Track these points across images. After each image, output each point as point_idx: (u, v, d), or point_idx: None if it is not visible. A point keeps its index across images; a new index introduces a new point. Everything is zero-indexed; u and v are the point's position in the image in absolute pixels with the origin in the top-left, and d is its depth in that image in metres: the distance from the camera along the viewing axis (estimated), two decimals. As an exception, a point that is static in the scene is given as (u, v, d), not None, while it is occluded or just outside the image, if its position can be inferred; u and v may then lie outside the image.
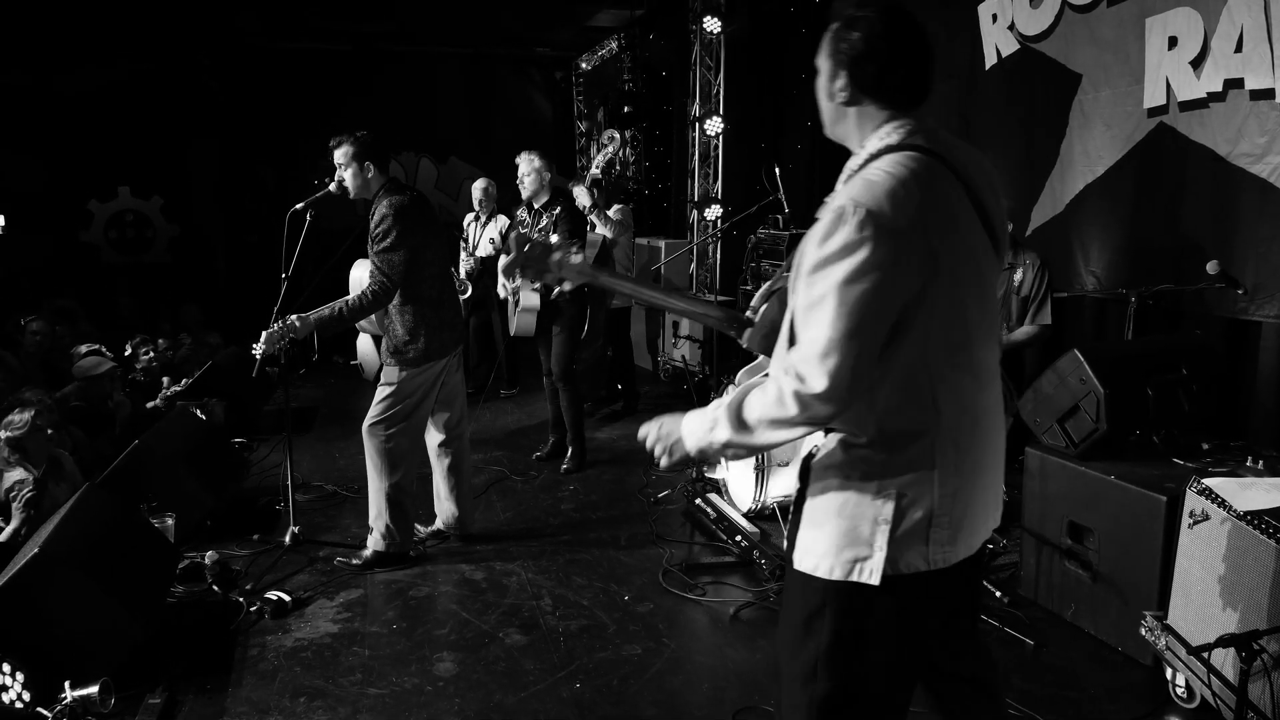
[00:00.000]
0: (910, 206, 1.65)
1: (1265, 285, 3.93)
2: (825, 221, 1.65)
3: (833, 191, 1.76)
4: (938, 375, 1.75)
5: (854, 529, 1.77)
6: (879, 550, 1.76)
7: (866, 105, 1.78)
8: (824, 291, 1.63)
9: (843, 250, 1.61)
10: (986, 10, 5.50)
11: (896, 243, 1.62)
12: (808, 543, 1.85)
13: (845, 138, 1.86)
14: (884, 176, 1.67)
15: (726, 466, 5.10)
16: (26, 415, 4.12)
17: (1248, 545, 2.71)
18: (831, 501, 1.81)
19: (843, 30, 1.77)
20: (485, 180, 7.42)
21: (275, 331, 3.94)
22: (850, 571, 1.77)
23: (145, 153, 10.26)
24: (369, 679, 3.35)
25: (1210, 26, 4.03)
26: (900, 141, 1.75)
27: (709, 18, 8.08)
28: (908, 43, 1.76)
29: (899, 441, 1.76)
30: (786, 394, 1.66)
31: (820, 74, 1.84)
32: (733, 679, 3.35)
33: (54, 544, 3.18)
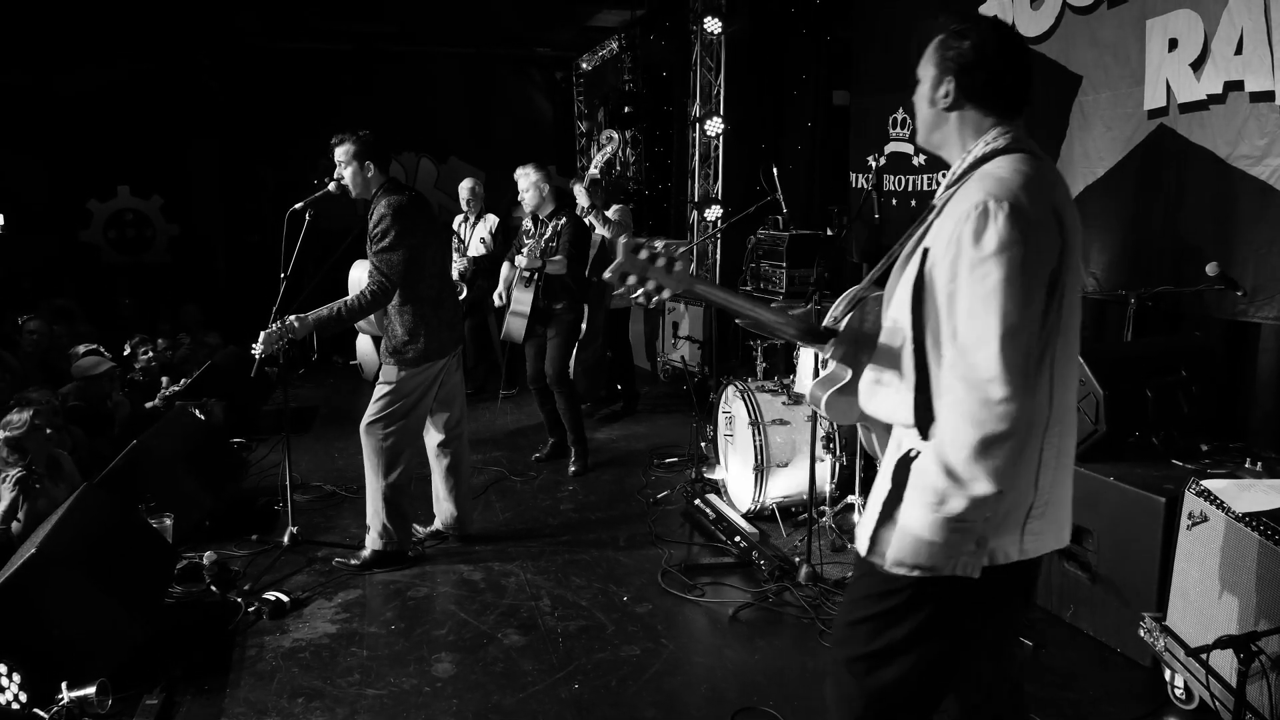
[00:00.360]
0: (1045, 201, 1.70)
1: (1265, 287, 3.93)
2: (971, 221, 1.66)
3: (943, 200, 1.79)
4: (1058, 367, 1.77)
5: (956, 524, 1.74)
6: (983, 545, 1.75)
7: (969, 111, 1.83)
8: (988, 291, 1.64)
9: (999, 248, 1.64)
10: (987, 12, 5.50)
11: (1041, 236, 1.67)
12: (900, 540, 1.81)
13: (942, 144, 1.90)
14: (1012, 174, 1.71)
15: (726, 467, 5.11)
16: (25, 415, 4.11)
17: (1246, 547, 2.71)
18: (933, 495, 1.76)
19: (952, 39, 1.83)
20: (471, 180, 7.43)
21: (274, 332, 3.94)
22: (946, 565, 1.76)
23: (145, 152, 10.26)
24: (367, 680, 3.35)
25: (1211, 29, 4.03)
26: (1008, 145, 1.79)
27: (710, 18, 8.08)
28: (1015, 55, 1.83)
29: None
30: (967, 408, 1.66)
31: (923, 81, 1.88)
32: (731, 680, 3.35)
33: (52, 544, 3.17)
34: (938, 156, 1.94)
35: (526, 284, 5.46)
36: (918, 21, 6.20)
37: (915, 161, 6.33)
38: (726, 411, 5.05)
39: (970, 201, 1.68)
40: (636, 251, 1.85)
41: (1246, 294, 3.94)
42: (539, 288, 5.45)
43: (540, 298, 5.47)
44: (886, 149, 6.42)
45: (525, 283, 5.46)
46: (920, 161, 6.28)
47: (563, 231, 5.44)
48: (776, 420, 4.69)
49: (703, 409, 5.72)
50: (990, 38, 1.81)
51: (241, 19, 9.40)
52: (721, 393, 5.15)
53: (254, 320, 4.11)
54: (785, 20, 8.06)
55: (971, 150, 1.82)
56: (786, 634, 3.68)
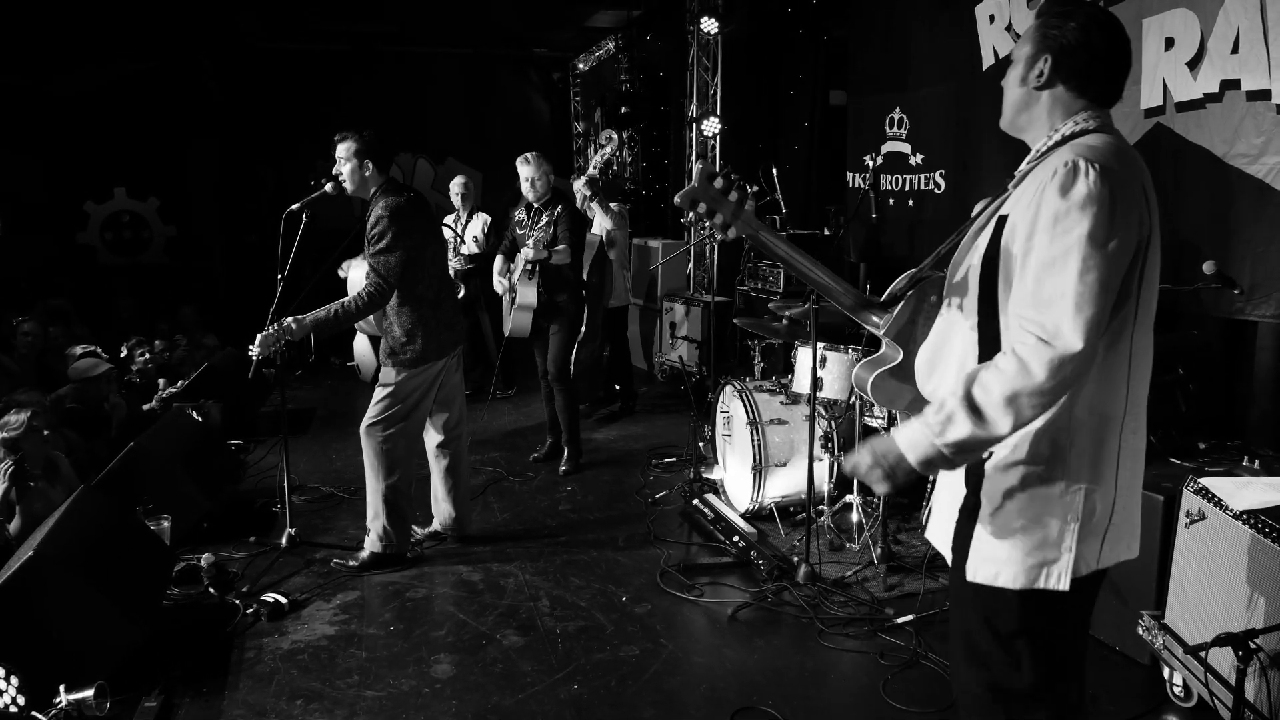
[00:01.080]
0: (1135, 178, 1.66)
1: (1262, 285, 3.93)
2: (1058, 177, 1.61)
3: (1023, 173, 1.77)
4: (1136, 358, 1.72)
5: (1042, 531, 1.71)
6: (1067, 551, 1.70)
7: (1060, 91, 1.77)
8: (1070, 245, 1.57)
9: (1086, 201, 1.58)
10: (984, 11, 5.51)
11: (1130, 201, 1.62)
12: (986, 551, 1.76)
13: (1028, 125, 1.84)
14: (1102, 143, 1.67)
15: (724, 467, 5.10)
16: (22, 417, 4.11)
17: (1244, 545, 2.71)
18: (1014, 503, 1.73)
19: (1057, 20, 1.77)
20: (463, 178, 7.44)
21: (271, 334, 3.93)
22: (1037, 578, 1.71)
23: (142, 154, 10.23)
24: (366, 681, 3.35)
25: (1207, 28, 4.04)
26: (1097, 128, 1.75)
27: (706, 18, 8.08)
28: (1118, 43, 1.77)
29: (1094, 427, 1.70)
30: (1032, 359, 1.55)
31: (1017, 63, 1.83)
32: (731, 679, 3.35)
33: (49, 546, 3.17)
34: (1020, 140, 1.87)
35: (530, 276, 5.43)
36: (914, 22, 6.22)
37: (912, 161, 6.33)
38: (724, 411, 5.05)
39: (1058, 161, 1.64)
40: (712, 179, 1.78)
41: (1244, 292, 3.94)
42: (540, 280, 5.43)
43: (542, 290, 5.45)
44: (884, 148, 6.42)
45: (529, 275, 5.43)
46: (918, 161, 6.29)
47: (559, 220, 5.40)
48: (774, 420, 4.69)
49: (701, 409, 5.72)
50: (1096, 21, 1.76)
51: (240, 19, 9.39)
52: (719, 392, 5.15)
53: (251, 322, 4.11)
54: (782, 20, 8.07)
55: (1059, 129, 1.77)
56: (785, 633, 3.68)
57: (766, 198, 6.95)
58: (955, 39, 5.76)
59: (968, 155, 5.81)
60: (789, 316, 4.48)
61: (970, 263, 1.78)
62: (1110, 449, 1.71)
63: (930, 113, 6.16)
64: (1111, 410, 1.70)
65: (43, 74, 9.50)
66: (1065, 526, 1.70)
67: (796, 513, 4.76)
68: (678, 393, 7.53)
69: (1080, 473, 1.69)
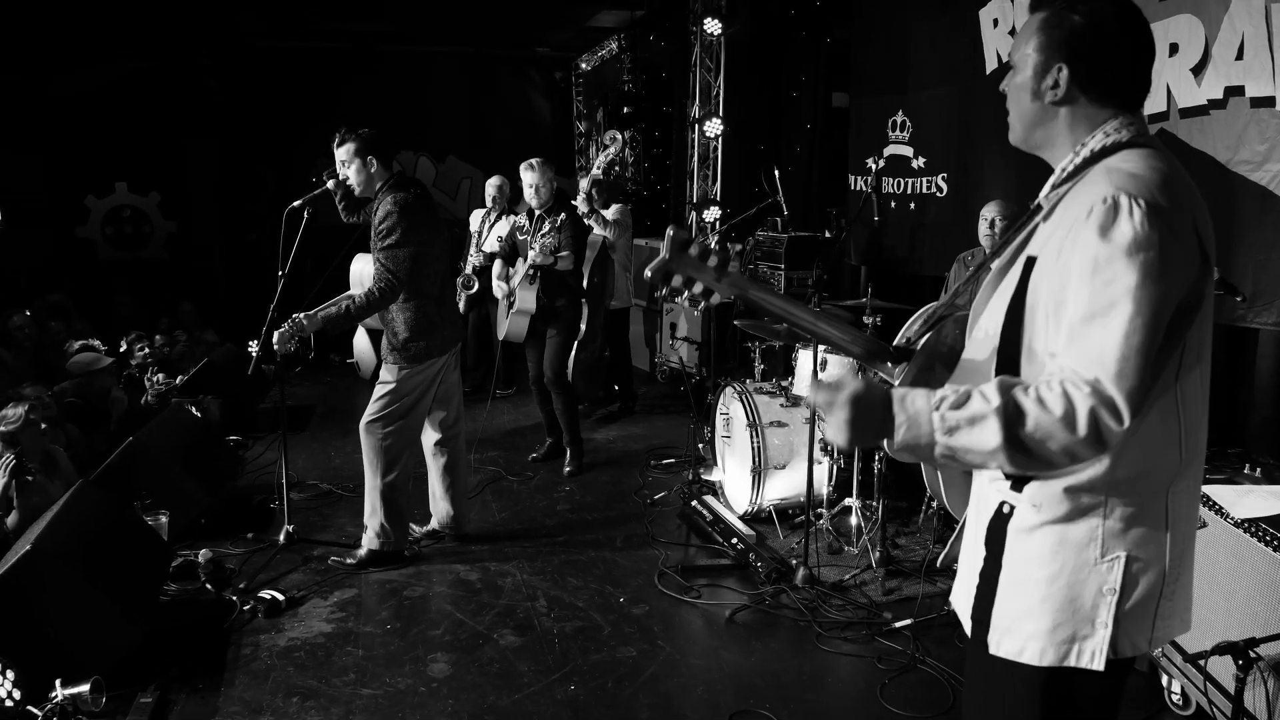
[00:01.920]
0: (1186, 210, 1.42)
1: (1264, 293, 3.93)
2: (1096, 216, 1.38)
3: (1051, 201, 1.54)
4: (1189, 409, 1.49)
5: (1072, 602, 1.49)
6: (1103, 628, 1.48)
7: (1083, 103, 1.53)
8: (1115, 297, 1.35)
9: (1133, 247, 1.35)
10: (988, 15, 5.50)
11: (1181, 242, 1.39)
12: (1007, 621, 1.56)
13: (1045, 143, 1.60)
14: (1147, 170, 1.42)
15: (723, 469, 5.10)
16: (19, 410, 4.10)
17: (1245, 553, 2.71)
18: (1041, 570, 1.51)
19: (1060, 17, 1.52)
20: (500, 178, 7.41)
21: (286, 330, 3.94)
22: (1067, 655, 1.50)
23: (143, 149, 10.24)
24: (362, 679, 3.34)
25: (1211, 34, 4.03)
26: (1132, 139, 1.51)
27: (709, 19, 8.08)
28: (1139, 33, 1.53)
29: (1139, 488, 1.48)
30: (1082, 416, 1.33)
31: (1020, 68, 1.58)
32: (728, 682, 3.34)
33: (47, 540, 3.16)
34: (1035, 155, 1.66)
35: (530, 281, 5.43)
36: (916, 24, 6.22)
37: (915, 164, 6.33)
38: (724, 413, 5.04)
39: (1094, 195, 1.40)
40: (685, 248, 1.58)
41: (1246, 299, 3.94)
42: (540, 285, 5.43)
43: (542, 295, 5.45)
44: (886, 151, 6.42)
45: (529, 280, 5.43)
46: (920, 164, 6.29)
47: (563, 227, 5.41)
48: (774, 422, 4.68)
49: (700, 410, 5.71)
50: (1109, 10, 1.50)
51: (241, 18, 9.39)
52: (719, 394, 5.14)
53: (251, 318, 4.11)
54: (785, 22, 8.07)
55: (1086, 144, 1.53)
56: (783, 636, 3.68)
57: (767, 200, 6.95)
58: (958, 42, 5.75)
59: (970, 159, 5.81)
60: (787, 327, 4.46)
61: (997, 300, 1.58)
62: (1155, 512, 1.49)
63: (933, 116, 6.16)
64: (1158, 468, 1.49)
65: (43, 72, 9.49)
66: (1100, 599, 1.48)
67: (795, 515, 4.75)
68: (677, 394, 7.52)
69: (1118, 540, 1.48)
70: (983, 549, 1.62)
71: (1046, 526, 1.51)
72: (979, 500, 1.66)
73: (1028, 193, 5.33)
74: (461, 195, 11.33)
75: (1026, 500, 1.53)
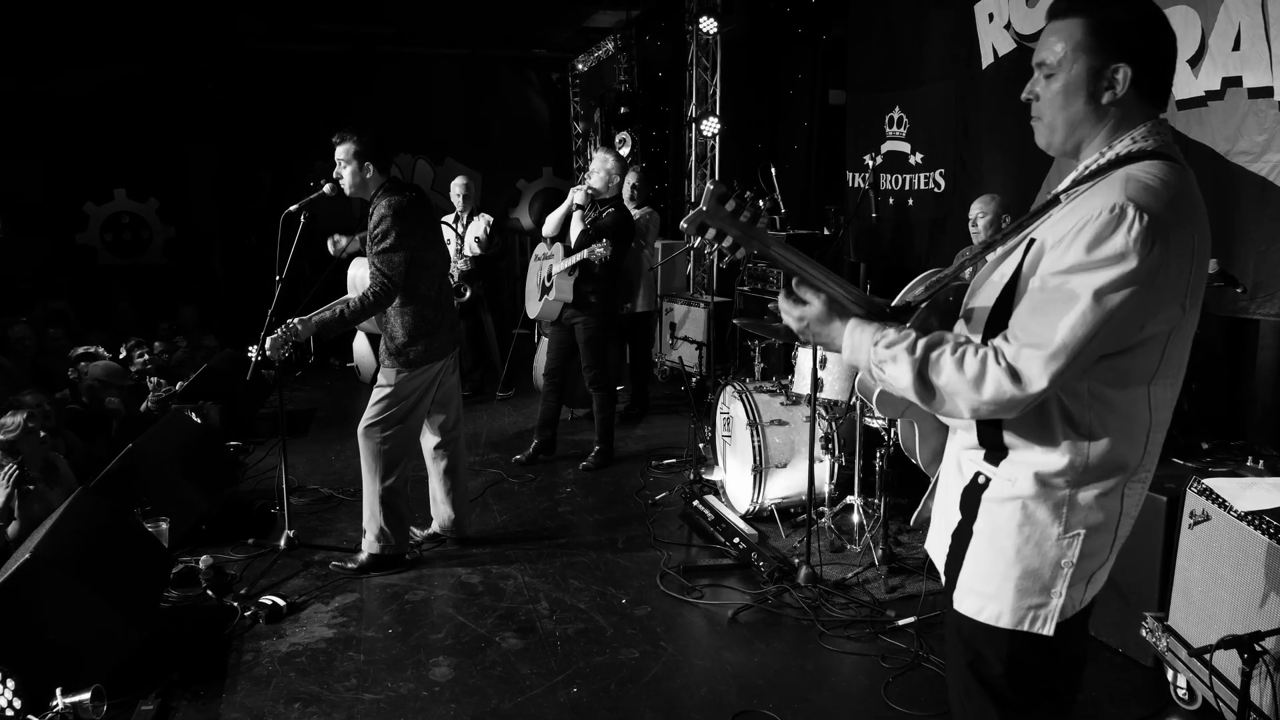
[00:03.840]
0: (1190, 226, 1.51)
1: (1265, 284, 3.92)
2: (1100, 218, 1.46)
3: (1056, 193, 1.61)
4: (1158, 408, 1.62)
5: (1035, 572, 1.64)
6: (1057, 596, 1.64)
7: (1131, 105, 1.58)
8: (1076, 292, 1.46)
9: (1115, 257, 1.45)
10: (983, 10, 5.49)
11: (1171, 260, 1.47)
12: (974, 583, 1.71)
13: (1082, 144, 1.64)
14: (1162, 185, 1.49)
15: (724, 468, 5.09)
16: (19, 418, 4.09)
17: (1249, 546, 2.69)
18: (1009, 540, 1.65)
19: (1108, 18, 1.55)
20: (464, 178, 7.42)
21: (280, 336, 3.93)
22: (1023, 620, 1.65)
23: (142, 155, 10.23)
24: (364, 684, 3.33)
25: (1208, 25, 4.02)
26: (1156, 149, 1.56)
27: (705, 19, 8.07)
28: (1172, 34, 1.59)
29: (1105, 476, 1.61)
30: (990, 380, 1.50)
31: (1060, 73, 1.60)
32: (731, 682, 3.33)
33: (47, 548, 3.15)
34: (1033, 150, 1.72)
35: (570, 272, 5.52)
36: (913, 20, 6.20)
37: (912, 160, 6.32)
38: (725, 412, 5.03)
39: (1108, 199, 1.47)
40: (723, 201, 1.64)
41: (1246, 291, 3.93)
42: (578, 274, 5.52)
43: (578, 285, 5.53)
44: (883, 148, 6.41)
45: (569, 271, 5.52)
46: (917, 160, 6.27)
47: (608, 218, 5.49)
48: (775, 421, 4.67)
49: (701, 410, 5.70)
50: (1148, 9, 1.56)
51: (239, 20, 9.38)
52: (720, 393, 5.13)
53: (251, 322, 4.10)
54: (781, 20, 8.06)
55: (1113, 146, 1.59)
56: (786, 636, 3.66)
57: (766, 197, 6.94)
58: (954, 37, 5.74)
59: (968, 153, 5.80)
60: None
61: (991, 281, 1.68)
62: (1116, 498, 1.63)
63: (930, 112, 6.15)
64: (1127, 460, 1.61)
65: (42, 75, 9.50)
66: (1059, 571, 1.63)
67: (797, 514, 4.74)
68: (678, 393, 7.51)
69: (1081, 518, 1.62)
70: (957, 512, 1.75)
71: (1018, 501, 1.64)
72: (955, 464, 1.78)
73: (1026, 186, 5.36)
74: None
75: (1003, 475, 1.66)
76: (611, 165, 5.55)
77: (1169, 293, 1.51)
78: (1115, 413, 1.58)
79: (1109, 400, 1.58)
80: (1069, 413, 1.59)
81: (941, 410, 1.61)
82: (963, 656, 1.78)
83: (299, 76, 10.39)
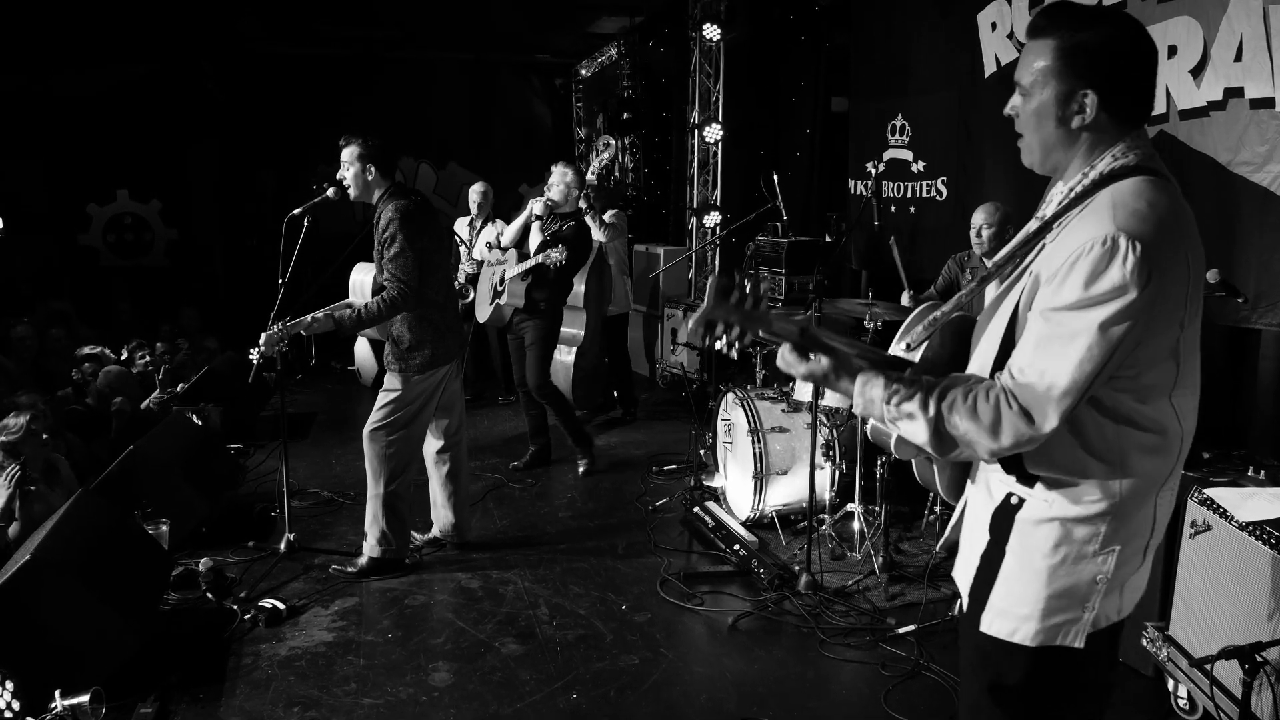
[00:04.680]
0: (1182, 246, 1.52)
1: (1267, 294, 3.92)
2: (1093, 253, 1.46)
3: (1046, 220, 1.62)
4: (1185, 417, 1.64)
5: (1070, 589, 1.63)
6: (1090, 610, 1.63)
7: (1105, 125, 1.58)
8: (1079, 329, 1.47)
9: (1114, 291, 1.46)
10: (986, 19, 5.50)
11: (1168, 286, 1.49)
12: (1005, 604, 1.68)
13: (1061, 165, 1.65)
14: (1149, 208, 1.50)
15: (725, 475, 5.08)
16: (21, 420, 4.09)
17: (1250, 556, 2.69)
18: (1044, 560, 1.63)
19: (1076, 41, 1.55)
20: (483, 185, 7.42)
21: (275, 333, 3.99)
22: (1055, 636, 1.64)
23: (144, 156, 10.26)
24: (364, 689, 3.32)
25: (1210, 35, 4.03)
26: (1138, 164, 1.57)
27: (709, 25, 8.08)
28: (1149, 51, 1.58)
29: (1139, 491, 1.61)
30: (1006, 426, 1.52)
31: (1036, 92, 1.61)
32: (730, 689, 3.32)
33: (47, 549, 3.15)
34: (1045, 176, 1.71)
35: (523, 278, 5.52)
36: (915, 29, 6.22)
37: (914, 168, 6.32)
38: (726, 419, 5.03)
39: (1098, 231, 1.48)
40: (726, 295, 1.64)
41: (1248, 301, 3.93)
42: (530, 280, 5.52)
43: (529, 291, 5.53)
44: (885, 155, 6.42)
45: (522, 277, 5.52)
46: (919, 168, 6.28)
47: (568, 231, 5.47)
48: (776, 428, 4.67)
49: (702, 416, 5.70)
50: (1122, 35, 1.56)
51: (242, 24, 9.40)
52: (721, 400, 5.13)
53: (252, 325, 4.11)
54: (784, 27, 8.07)
55: (1095, 165, 1.60)
56: (786, 643, 3.66)
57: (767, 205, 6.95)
58: (957, 46, 5.75)
59: (970, 162, 5.81)
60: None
61: (995, 321, 1.68)
62: (1148, 512, 1.64)
63: (932, 120, 6.15)
64: (1160, 472, 1.62)
65: (46, 76, 9.52)
66: (1094, 587, 1.62)
67: (798, 521, 4.74)
68: (679, 399, 7.51)
69: (1118, 535, 1.61)
70: (986, 534, 1.71)
71: (1056, 523, 1.62)
72: (984, 487, 1.75)
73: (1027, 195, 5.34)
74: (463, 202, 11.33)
75: (1039, 495, 1.63)
76: (571, 179, 5.56)
77: (1165, 318, 1.53)
78: (1146, 428, 1.59)
79: (1137, 420, 1.59)
80: (1103, 433, 1.59)
81: (963, 458, 1.63)
82: (982, 679, 1.74)
83: (301, 80, 10.42)
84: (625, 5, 9.15)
